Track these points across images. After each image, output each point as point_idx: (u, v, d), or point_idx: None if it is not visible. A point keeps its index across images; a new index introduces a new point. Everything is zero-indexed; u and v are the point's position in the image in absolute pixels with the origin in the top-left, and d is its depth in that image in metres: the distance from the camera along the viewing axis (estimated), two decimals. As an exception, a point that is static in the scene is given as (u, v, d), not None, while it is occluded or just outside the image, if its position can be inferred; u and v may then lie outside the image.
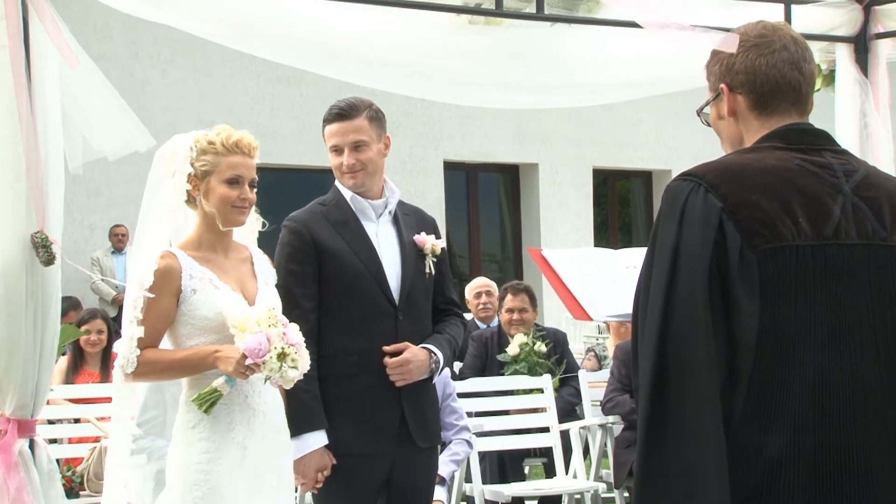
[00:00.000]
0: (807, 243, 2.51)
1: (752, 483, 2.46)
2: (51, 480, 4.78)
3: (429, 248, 4.60)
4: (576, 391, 8.24)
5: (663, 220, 2.58)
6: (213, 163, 4.09)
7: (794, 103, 2.70)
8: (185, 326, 4.04)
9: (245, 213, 4.15)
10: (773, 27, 2.73)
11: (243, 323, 3.91)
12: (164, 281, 4.00)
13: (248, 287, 4.15)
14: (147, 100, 14.55)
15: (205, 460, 3.98)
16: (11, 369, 4.60)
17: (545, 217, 17.50)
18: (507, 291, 8.55)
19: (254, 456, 4.03)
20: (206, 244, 4.14)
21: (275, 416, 4.15)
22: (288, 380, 3.93)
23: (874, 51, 6.32)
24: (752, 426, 2.47)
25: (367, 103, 4.55)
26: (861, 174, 2.65)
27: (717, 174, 2.56)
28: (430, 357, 4.48)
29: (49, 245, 4.56)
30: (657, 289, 2.52)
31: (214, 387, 3.94)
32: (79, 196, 13.86)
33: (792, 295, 2.49)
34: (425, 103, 15.38)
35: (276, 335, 3.88)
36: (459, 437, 6.66)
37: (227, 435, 4.01)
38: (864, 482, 2.49)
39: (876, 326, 2.55)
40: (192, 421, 4.02)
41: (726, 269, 2.47)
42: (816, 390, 2.48)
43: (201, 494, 3.96)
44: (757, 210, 2.50)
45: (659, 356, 2.49)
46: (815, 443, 2.47)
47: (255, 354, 3.84)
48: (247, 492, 4.01)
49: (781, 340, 2.48)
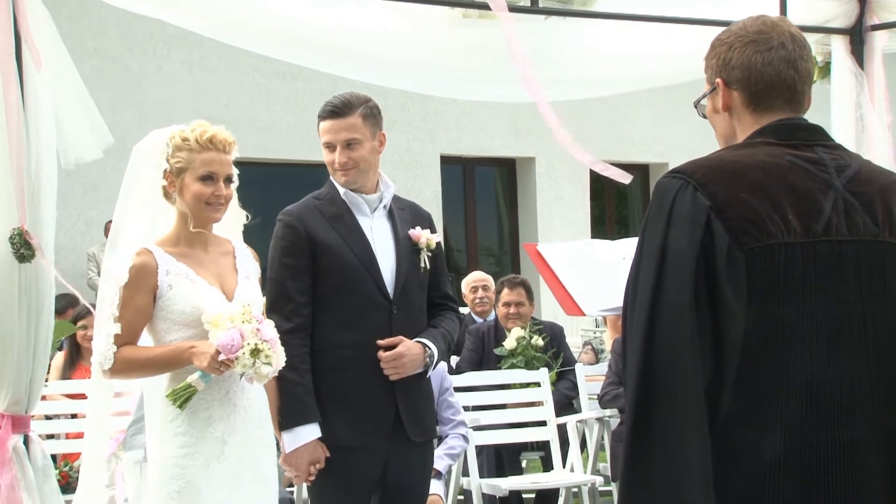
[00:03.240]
0: (796, 240, 2.50)
1: (743, 483, 2.45)
2: (45, 476, 4.79)
3: (424, 242, 4.59)
4: (573, 385, 8.25)
5: (652, 218, 2.57)
6: (188, 159, 4.09)
7: (787, 101, 2.69)
8: (164, 322, 4.06)
9: (220, 210, 4.16)
10: (773, 23, 2.72)
11: (217, 319, 3.92)
12: (140, 278, 4.02)
13: (228, 281, 4.16)
14: (142, 95, 14.53)
15: (181, 454, 4.00)
16: (5, 365, 4.61)
17: (542, 211, 17.48)
18: (504, 285, 8.55)
19: (234, 451, 4.04)
20: (183, 240, 4.15)
21: (257, 411, 4.16)
22: (261, 375, 3.94)
23: (870, 43, 6.32)
24: (742, 426, 2.46)
25: (362, 100, 4.53)
26: (853, 169, 2.64)
27: (706, 172, 2.55)
28: (425, 351, 4.48)
29: (20, 242, 4.57)
30: (644, 288, 2.52)
31: (189, 382, 3.96)
32: (75, 191, 13.84)
33: (782, 293, 2.48)
34: (421, 97, 15.35)
35: (250, 331, 3.89)
36: (456, 431, 6.66)
37: (205, 430, 4.02)
38: (856, 480, 2.49)
39: (867, 323, 2.54)
40: (170, 415, 4.03)
41: (713, 269, 2.47)
42: (808, 388, 2.47)
43: (177, 488, 3.98)
44: (746, 208, 2.49)
45: (645, 356, 2.48)
46: (806, 441, 2.46)
47: (228, 350, 3.86)
48: (226, 487, 4.02)
49: (772, 338, 2.47)
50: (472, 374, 7.99)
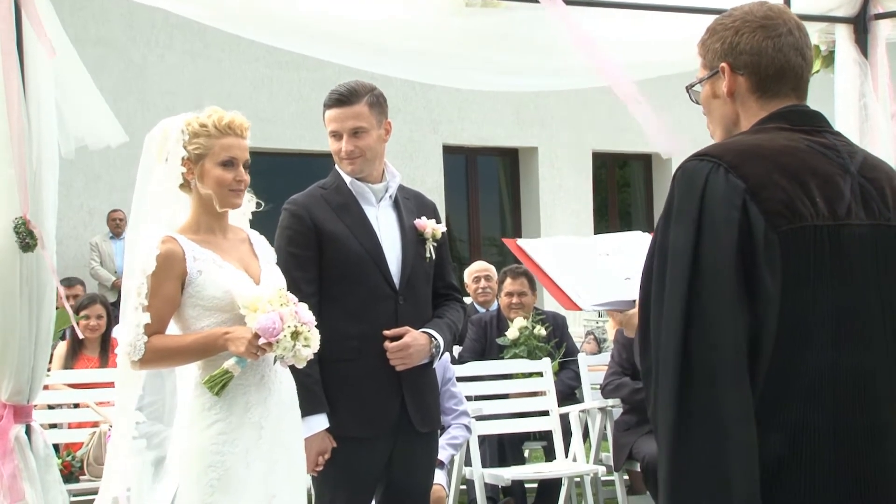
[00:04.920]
0: (825, 223, 2.48)
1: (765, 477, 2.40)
2: (47, 466, 4.79)
3: (429, 232, 4.58)
4: (575, 374, 8.24)
5: (681, 202, 2.50)
6: (207, 145, 4.06)
7: (794, 88, 2.67)
8: (194, 308, 4.01)
9: (241, 196, 4.13)
10: (779, 9, 2.70)
11: (255, 303, 3.88)
12: (168, 265, 3.97)
13: (252, 266, 4.13)
14: (145, 84, 14.53)
15: (221, 441, 3.94)
16: (7, 355, 4.61)
17: (544, 201, 17.47)
18: (507, 275, 8.54)
19: (269, 436, 4.01)
20: (203, 227, 4.12)
21: (288, 394, 4.13)
22: (301, 358, 3.91)
23: (873, 31, 6.30)
24: (765, 419, 2.41)
25: (368, 88, 4.52)
26: (862, 155, 2.64)
27: (735, 154, 2.51)
28: (431, 342, 4.47)
29: (24, 232, 4.56)
30: (679, 274, 2.45)
31: (226, 368, 3.91)
32: (77, 181, 13.84)
33: (810, 277, 2.45)
34: (424, 87, 15.34)
35: (289, 314, 3.86)
36: (458, 421, 6.66)
37: (243, 416, 3.98)
38: (881, 470, 2.47)
39: (885, 309, 2.52)
40: (206, 403, 3.97)
41: (750, 252, 2.42)
42: (831, 378, 2.45)
43: (217, 476, 3.92)
44: (778, 190, 2.46)
45: (685, 342, 2.42)
46: (828, 432, 2.43)
47: (269, 333, 3.82)
48: (261, 472, 3.99)
49: (798, 326, 2.44)
50: (474, 364, 7.98)
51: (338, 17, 5.53)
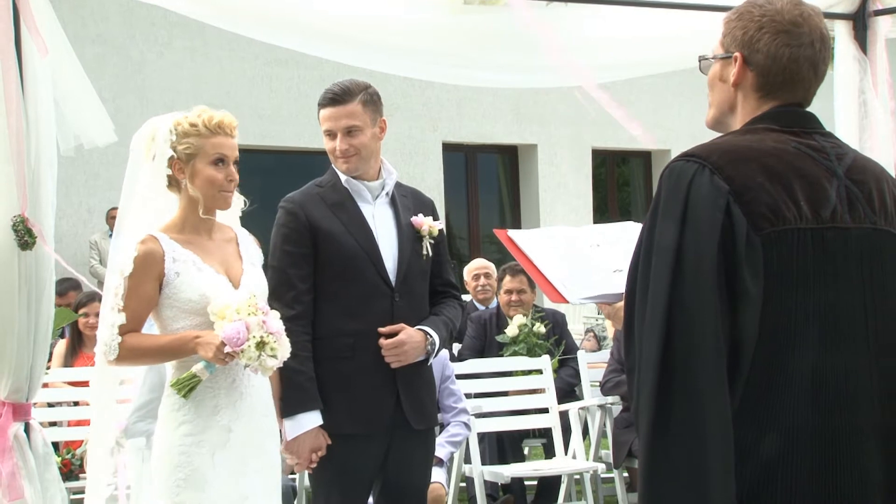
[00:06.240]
0: (808, 226, 2.48)
1: (749, 481, 2.42)
2: (46, 464, 4.79)
3: (426, 229, 4.58)
4: (575, 372, 8.25)
5: (666, 203, 2.51)
6: (198, 145, 4.07)
7: (797, 98, 2.68)
8: (171, 309, 4.04)
9: (230, 197, 4.15)
10: (808, 15, 2.65)
11: (223, 310, 3.91)
12: (146, 266, 3.99)
13: (233, 268, 4.15)
14: (144, 82, 14.52)
15: (188, 443, 3.99)
16: (5, 353, 4.61)
17: (544, 198, 17.46)
18: (506, 273, 8.54)
19: (239, 439, 4.03)
20: (189, 226, 4.13)
21: (261, 399, 4.14)
22: (266, 368, 3.93)
23: (873, 28, 6.30)
24: (747, 422, 2.43)
25: (362, 86, 4.52)
26: (850, 157, 2.64)
27: (720, 155, 2.52)
28: (426, 339, 4.47)
29: (23, 230, 4.56)
30: (661, 274, 2.46)
31: (193, 372, 3.95)
32: (77, 178, 13.83)
33: (793, 280, 2.46)
34: (423, 85, 15.34)
35: (256, 324, 3.87)
36: (458, 419, 6.67)
37: (211, 418, 4.01)
38: (860, 472, 2.47)
39: (867, 311, 2.53)
40: (176, 403, 4.02)
41: (732, 254, 2.43)
42: (814, 380, 2.45)
43: (184, 476, 3.97)
44: (762, 192, 2.47)
45: (666, 344, 2.43)
46: (811, 434, 2.44)
47: (234, 343, 3.84)
48: (231, 475, 4.01)
49: (781, 329, 2.44)
50: (474, 362, 7.99)
51: (336, 15, 5.53)
